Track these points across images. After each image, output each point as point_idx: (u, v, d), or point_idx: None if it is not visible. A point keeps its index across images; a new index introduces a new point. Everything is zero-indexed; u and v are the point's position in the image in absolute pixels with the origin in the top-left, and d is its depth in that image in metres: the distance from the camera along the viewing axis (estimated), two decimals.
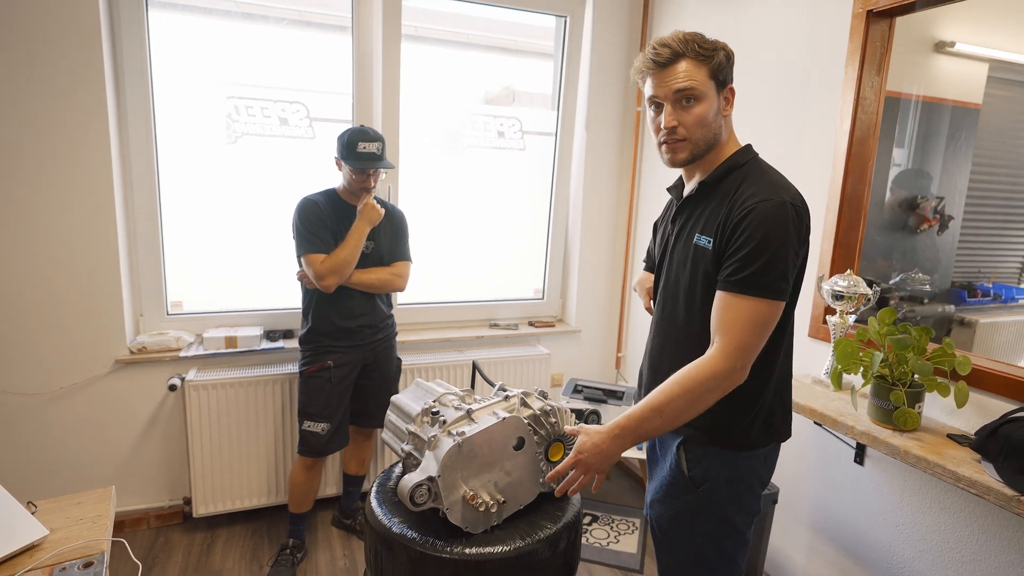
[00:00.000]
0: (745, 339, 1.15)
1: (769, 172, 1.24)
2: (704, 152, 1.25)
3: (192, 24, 2.40)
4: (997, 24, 2.02)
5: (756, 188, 1.18)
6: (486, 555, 1.30)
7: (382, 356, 2.37)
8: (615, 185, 3.03)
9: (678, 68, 1.19)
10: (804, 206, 1.20)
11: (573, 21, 2.86)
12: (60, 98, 2.12)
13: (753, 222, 1.14)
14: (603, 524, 2.64)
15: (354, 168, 2.13)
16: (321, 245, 2.13)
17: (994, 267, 2.23)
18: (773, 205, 1.14)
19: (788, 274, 1.16)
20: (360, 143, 2.12)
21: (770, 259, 1.13)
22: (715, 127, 1.23)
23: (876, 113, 1.88)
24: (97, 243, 2.25)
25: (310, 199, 2.18)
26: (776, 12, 2.15)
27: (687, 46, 1.18)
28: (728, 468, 1.29)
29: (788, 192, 1.18)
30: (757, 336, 1.16)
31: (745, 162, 1.25)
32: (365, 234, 2.17)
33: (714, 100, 1.21)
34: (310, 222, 2.14)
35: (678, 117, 1.21)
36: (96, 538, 1.17)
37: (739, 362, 1.15)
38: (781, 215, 1.14)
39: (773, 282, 1.14)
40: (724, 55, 1.21)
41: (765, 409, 1.28)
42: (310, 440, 2.23)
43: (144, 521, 2.50)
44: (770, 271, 1.14)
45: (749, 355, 1.16)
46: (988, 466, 1.34)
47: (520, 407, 1.48)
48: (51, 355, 2.26)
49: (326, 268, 2.10)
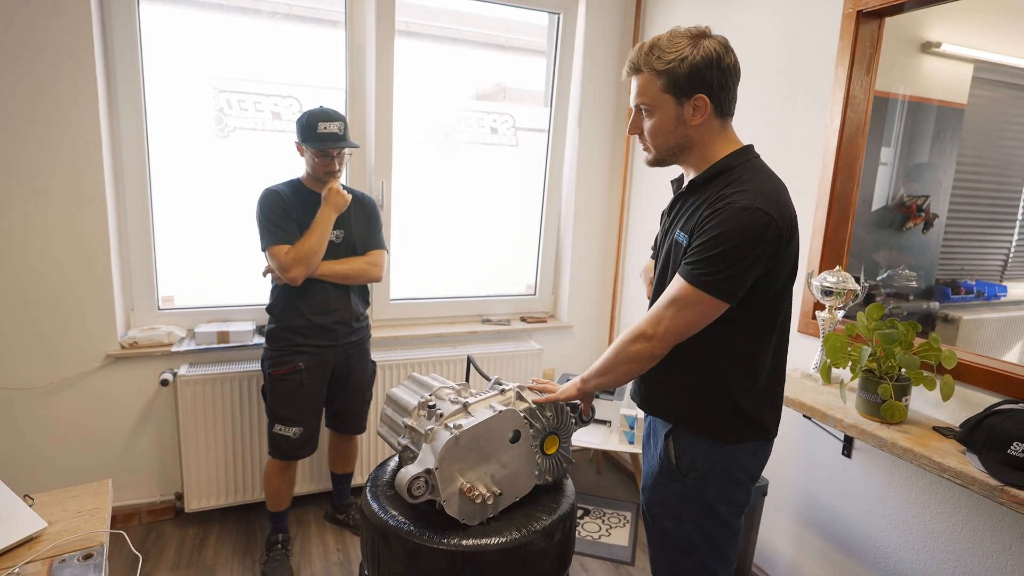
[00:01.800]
0: (662, 311, 1.23)
1: (758, 177, 1.22)
2: (671, 156, 1.30)
3: (184, 17, 2.38)
4: (982, 26, 2.06)
5: (734, 190, 1.19)
6: (482, 546, 1.31)
7: (355, 360, 2.28)
8: (607, 181, 3.05)
9: (637, 81, 1.26)
10: (782, 215, 1.17)
11: (566, 18, 2.87)
12: (50, 92, 2.10)
13: (716, 219, 1.17)
14: (595, 518, 2.67)
15: (316, 150, 2.04)
16: (285, 236, 2.03)
17: (977, 265, 2.27)
18: (740, 208, 1.15)
19: (736, 276, 1.16)
20: (320, 123, 2.01)
21: (718, 256, 1.15)
22: (675, 137, 1.26)
23: (865, 112, 1.91)
24: (88, 237, 2.24)
25: (271, 189, 2.09)
26: (767, 11, 2.18)
27: (645, 60, 1.23)
28: (714, 459, 1.31)
29: (766, 199, 1.16)
30: (682, 322, 1.21)
31: (737, 165, 1.24)
32: (331, 221, 2.07)
33: (669, 111, 1.23)
34: (273, 212, 2.05)
35: (639, 125, 1.30)
36: (95, 530, 1.17)
37: (650, 328, 1.24)
38: (745, 218, 1.14)
39: (711, 276, 1.16)
40: (684, 66, 1.18)
41: (752, 407, 1.29)
42: (281, 443, 2.15)
43: (136, 516, 2.49)
44: (712, 266, 1.16)
45: (668, 333, 1.23)
46: (972, 457, 1.37)
47: (516, 400, 1.50)
48: (41, 350, 2.25)
49: (291, 259, 2.01)
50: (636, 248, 2.99)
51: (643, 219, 2.92)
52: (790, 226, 1.20)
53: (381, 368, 2.60)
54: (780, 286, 1.24)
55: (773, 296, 1.24)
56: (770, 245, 1.16)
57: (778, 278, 1.22)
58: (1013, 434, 1.30)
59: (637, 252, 2.98)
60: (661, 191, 2.71)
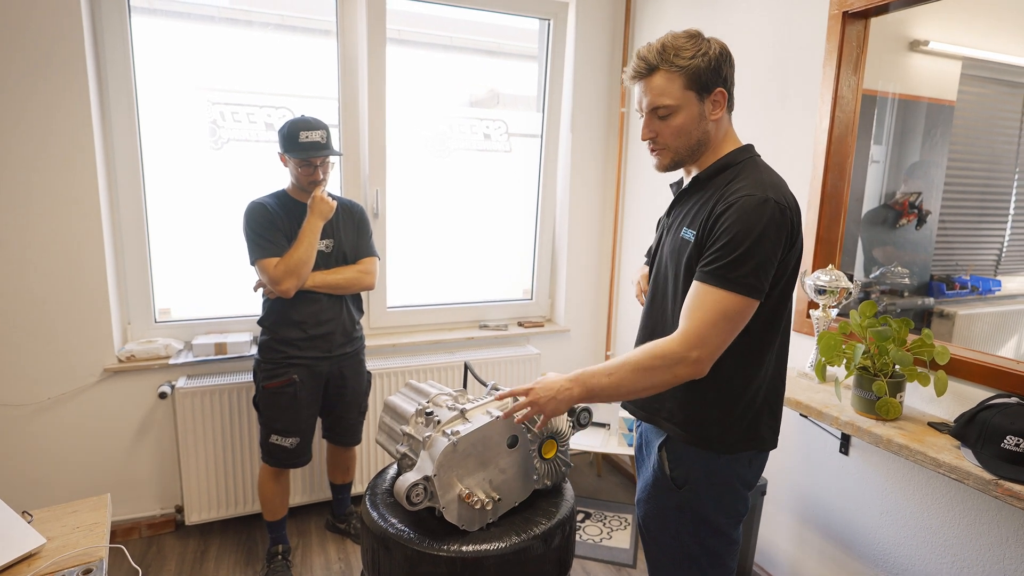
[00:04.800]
0: (705, 330, 1.14)
1: (762, 171, 1.23)
2: (689, 156, 1.27)
3: (175, 30, 2.40)
4: (969, 23, 2.08)
5: (743, 184, 1.19)
6: (482, 552, 1.32)
7: (350, 372, 2.26)
8: (601, 186, 3.07)
9: (653, 82, 1.22)
10: (792, 206, 1.19)
11: (556, 24, 2.89)
12: (44, 106, 2.11)
13: (732, 215, 1.15)
14: (596, 521, 2.67)
15: (299, 160, 2.02)
16: (273, 248, 2.02)
17: (971, 260, 2.28)
18: (755, 201, 1.14)
19: (763, 271, 1.15)
20: (302, 132, 2.00)
21: (744, 254, 1.13)
22: (697, 134, 1.24)
23: (854, 111, 1.93)
24: (83, 251, 2.24)
25: (257, 202, 2.07)
26: (754, 13, 2.20)
27: (662, 58, 1.20)
28: (709, 470, 1.29)
29: (776, 190, 1.17)
30: (719, 329, 1.15)
31: (741, 161, 1.25)
32: (319, 230, 2.05)
33: (693, 109, 1.22)
34: (259, 225, 2.03)
35: (655, 128, 1.25)
36: (94, 545, 1.17)
37: (694, 351, 1.14)
38: (761, 211, 1.14)
39: (744, 277, 1.13)
40: (706, 60, 1.19)
41: (750, 413, 1.27)
42: (276, 452, 2.15)
43: (136, 530, 2.49)
44: (742, 266, 1.13)
45: (707, 347, 1.15)
46: (967, 452, 1.38)
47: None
48: (38, 366, 2.25)
49: (281, 271, 1.99)
50: (631, 250, 3.00)
51: (637, 222, 2.94)
52: (798, 218, 1.21)
53: (379, 376, 2.61)
54: (785, 283, 1.23)
55: (778, 294, 1.23)
56: (787, 235, 1.17)
57: (783, 273, 1.21)
58: (1006, 428, 1.31)
59: (632, 254, 2.99)
60: (654, 193, 2.72)
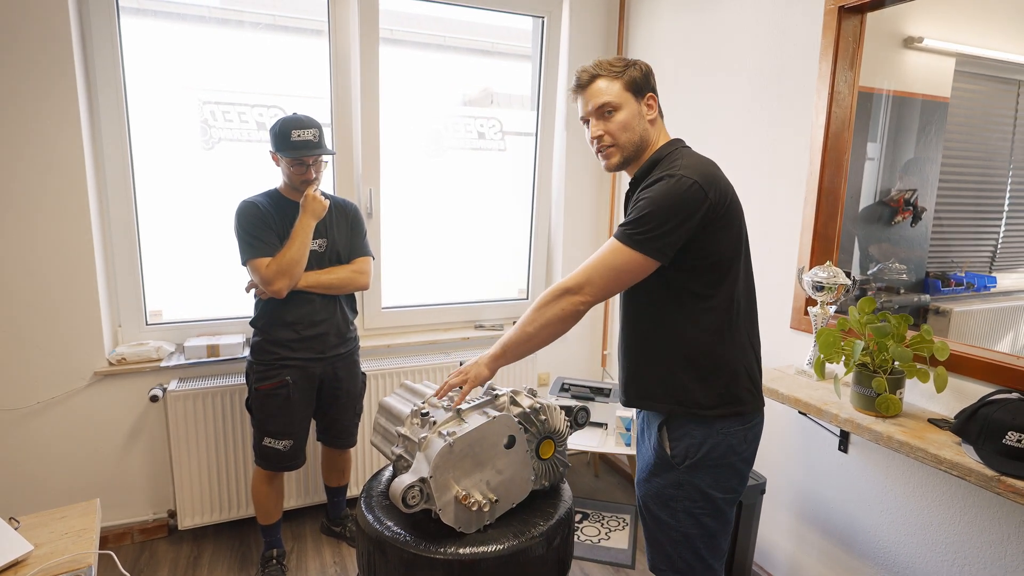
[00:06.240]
0: (594, 272, 1.30)
1: (686, 156, 1.32)
2: (634, 153, 1.38)
3: (166, 30, 2.37)
4: (963, 20, 2.08)
5: (664, 170, 1.29)
6: (480, 554, 1.30)
7: (344, 373, 2.22)
8: (596, 184, 3.05)
9: (596, 86, 1.37)
10: (709, 181, 1.26)
11: (550, 22, 2.88)
12: (31, 106, 2.07)
13: (648, 192, 1.28)
14: (594, 521, 2.65)
15: (291, 159, 1.99)
16: (265, 248, 1.99)
17: (966, 257, 2.29)
18: (670, 178, 1.26)
19: (664, 235, 1.24)
20: (294, 131, 1.97)
21: (644, 217, 1.25)
22: (639, 130, 1.37)
23: (850, 107, 1.92)
24: (72, 253, 2.21)
25: (248, 201, 2.04)
26: (749, 10, 2.18)
27: (600, 67, 1.36)
28: (708, 445, 1.35)
29: (693, 170, 1.26)
30: (607, 276, 1.29)
31: (668, 153, 1.36)
32: (311, 229, 2.03)
33: (633, 107, 1.36)
34: (251, 225, 2.00)
35: (603, 127, 1.37)
36: (82, 552, 1.15)
37: (583, 287, 1.30)
38: (673, 186, 1.25)
39: (639, 234, 1.25)
40: (638, 69, 1.36)
41: (724, 375, 1.34)
42: (270, 456, 2.11)
43: (128, 536, 2.45)
44: (641, 227, 1.25)
45: (592, 286, 1.30)
46: (968, 448, 1.37)
47: (510, 405, 1.49)
48: (27, 369, 2.21)
49: (273, 271, 1.96)
50: None
51: None
52: (720, 192, 1.27)
53: (374, 377, 2.58)
54: (729, 255, 1.31)
55: (724, 265, 1.31)
56: (697, 206, 1.24)
57: (721, 244, 1.29)
58: (1007, 423, 1.30)
59: None
60: None
